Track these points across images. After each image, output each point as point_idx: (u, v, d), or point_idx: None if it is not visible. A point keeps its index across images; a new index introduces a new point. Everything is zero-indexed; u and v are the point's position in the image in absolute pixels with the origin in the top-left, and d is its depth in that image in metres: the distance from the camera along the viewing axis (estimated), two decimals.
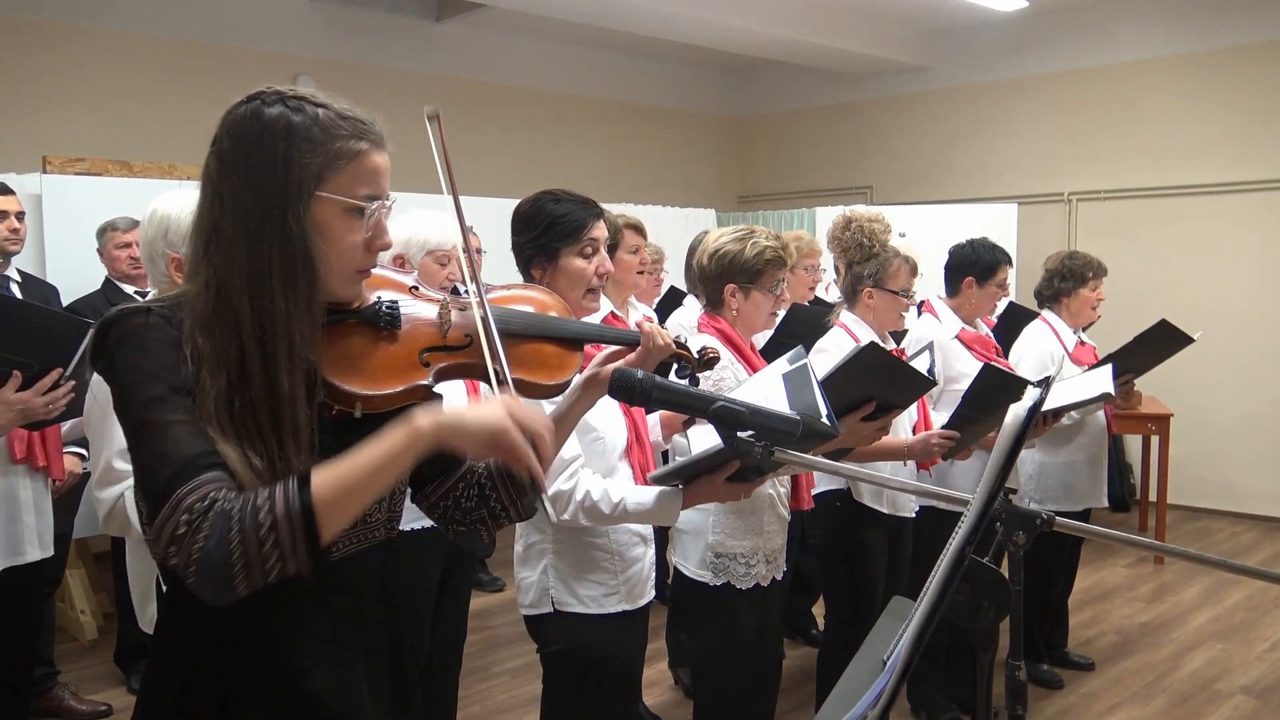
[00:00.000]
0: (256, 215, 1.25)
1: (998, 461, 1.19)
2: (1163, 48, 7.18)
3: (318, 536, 1.16)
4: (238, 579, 1.14)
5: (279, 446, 1.23)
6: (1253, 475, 6.92)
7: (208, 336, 1.24)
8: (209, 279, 1.26)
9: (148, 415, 1.20)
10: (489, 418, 1.23)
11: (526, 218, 2.23)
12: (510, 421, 1.23)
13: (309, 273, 1.26)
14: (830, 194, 8.58)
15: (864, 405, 2.62)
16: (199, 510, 1.14)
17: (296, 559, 1.15)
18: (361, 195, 1.29)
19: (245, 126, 1.26)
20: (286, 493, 1.16)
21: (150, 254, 2.15)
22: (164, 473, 1.17)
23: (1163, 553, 5.54)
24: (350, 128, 1.29)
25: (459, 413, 1.24)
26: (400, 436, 1.20)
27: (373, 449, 1.20)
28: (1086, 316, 4.13)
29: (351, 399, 1.31)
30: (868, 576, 3.20)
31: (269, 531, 1.13)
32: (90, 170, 5.54)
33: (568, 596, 2.21)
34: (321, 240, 1.27)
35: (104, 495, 2.09)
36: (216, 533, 1.13)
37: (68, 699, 3.91)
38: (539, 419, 1.27)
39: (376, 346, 1.36)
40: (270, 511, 1.14)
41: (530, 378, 1.50)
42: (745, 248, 2.63)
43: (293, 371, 1.25)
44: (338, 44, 6.87)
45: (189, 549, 1.13)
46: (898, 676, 1.17)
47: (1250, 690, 4.09)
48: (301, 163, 1.25)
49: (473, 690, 4.10)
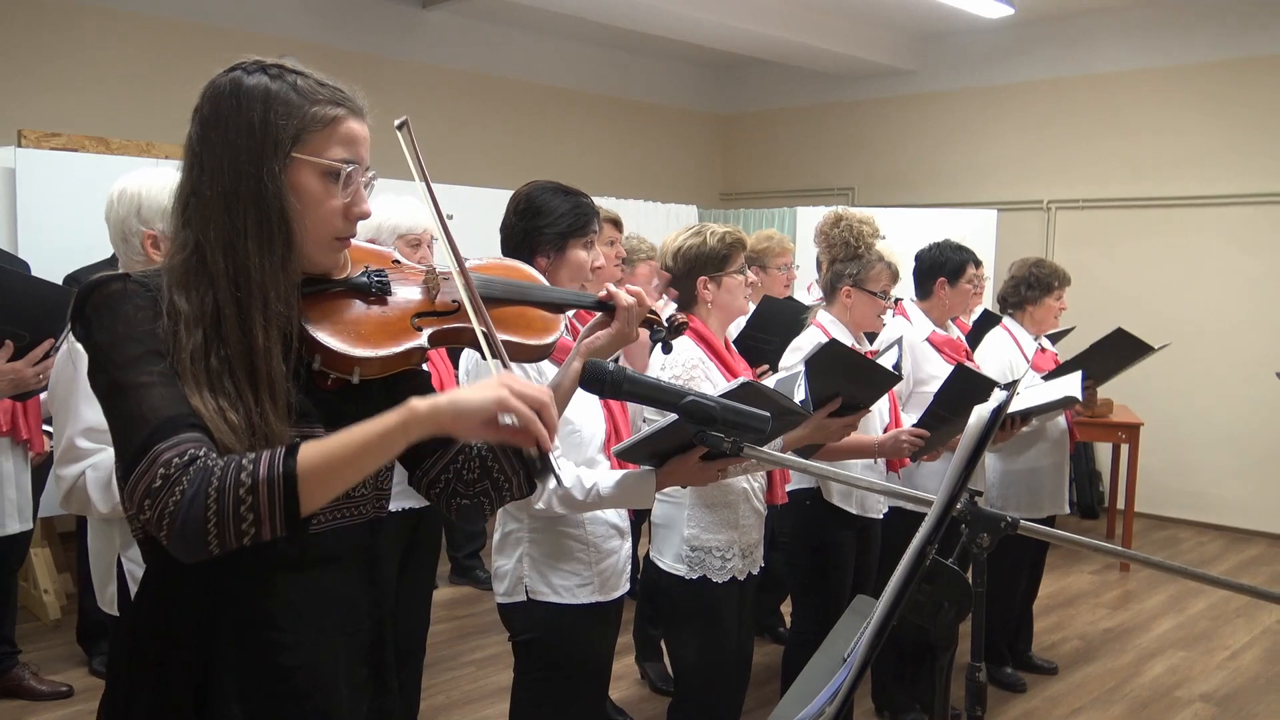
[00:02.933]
0: (233, 175, 1.26)
1: (960, 462, 1.20)
2: (1144, 60, 7.24)
3: (297, 505, 1.16)
4: (210, 536, 1.14)
5: (255, 402, 1.24)
6: (1221, 486, 7.00)
7: (184, 294, 1.25)
8: (186, 239, 1.28)
9: (124, 377, 1.21)
10: (487, 392, 1.23)
11: (535, 205, 2.26)
12: (508, 392, 1.23)
13: (284, 232, 1.28)
14: (812, 194, 8.61)
15: (830, 401, 2.65)
16: (177, 465, 1.14)
17: (272, 525, 1.15)
18: (337, 158, 1.30)
19: (225, 93, 1.29)
20: (272, 459, 1.16)
21: (123, 233, 2.11)
22: (142, 431, 1.17)
23: (1126, 559, 5.62)
24: (328, 94, 1.31)
25: (455, 393, 1.23)
26: (395, 417, 1.20)
27: (367, 426, 1.20)
28: (1049, 325, 4.16)
29: (350, 363, 1.32)
30: (835, 576, 3.22)
31: (249, 492, 1.14)
32: (66, 146, 5.47)
33: (541, 585, 2.22)
34: (298, 202, 1.29)
35: (65, 473, 2.07)
36: (194, 486, 1.13)
37: (28, 679, 3.87)
38: (537, 388, 1.26)
39: (368, 312, 1.38)
40: (253, 474, 1.15)
41: (518, 338, 1.52)
42: (705, 239, 2.67)
43: (268, 328, 1.26)
44: (323, 28, 6.82)
45: (165, 501, 1.13)
46: (855, 673, 1.18)
47: (1210, 698, 4.14)
48: (278, 124, 1.27)
49: (440, 679, 4.09)
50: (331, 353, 1.31)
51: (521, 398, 1.23)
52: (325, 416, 1.34)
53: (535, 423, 1.24)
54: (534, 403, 1.24)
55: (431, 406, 1.20)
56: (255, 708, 1.30)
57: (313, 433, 1.31)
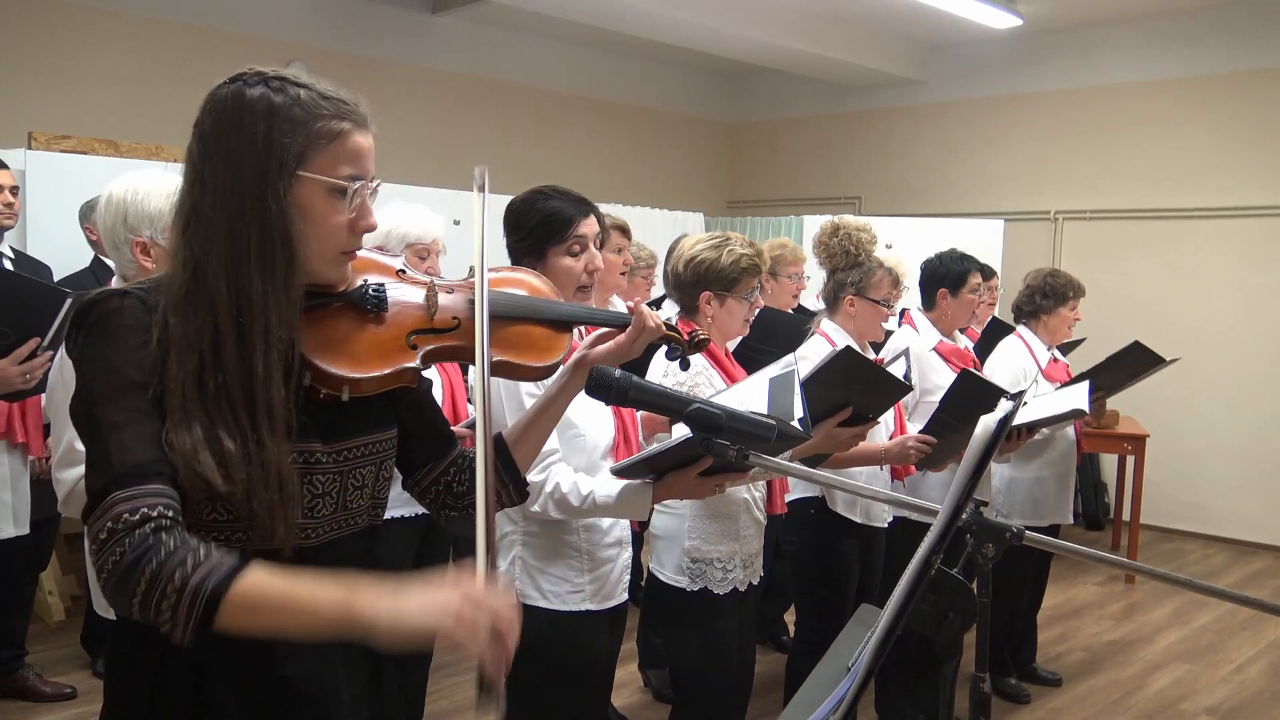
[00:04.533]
0: (236, 195, 1.24)
1: (966, 472, 1.20)
2: (1151, 72, 7.24)
3: (210, 626, 1.13)
4: (134, 609, 1.13)
5: (253, 429, 1.22)
6: (1226, 498, 6.97)
7: (180, 317, 1.23)
8: (186, 259, 1.25)
9: (100, 413, 1.19)
10: (431, 613, 1.12)
11: (517, 216, 2.23)
12: (457, 618, 1.12)
13: (287, 254, 1.25)
14: (819, 203, 8.61)
15: (840, 411, 2.63)
16: (126, 523, 1.13)
17: (183, 633, 1.12)
18: (344, 175, 1.28)
19: (227, 107, 1.26)
20: (211, 571, 1.12)
21: (113, 241, 2.06)
22: (106, 474, 1.16)
23: (1131, 571, 5.58)
24: (332, 108, 1.28)
25: (401, 606, 1.13)
26: (333, 609, 1.13)
27: (307, 593, 1.14)
28: (1063, 335, 4.18)
29: (339, 382, 1.31)
30: (840, 585, 3.21)
31: (174, 591, 1.11)
32: (76, 148, 5.50)
33: (531, 590, 2.20)
34: (304, 221, 1.26)
35: (64, 476, 2.04)
36: (134, 554, 1.11)
37: (32, 680, 3.87)
38: (494, 611, 1.14)
39: (363, 329, 1.36)
40: (185, 579, 1.11)
41: (518, 359, 1.50)
42: (721, 255, 2.62)
43: (268, 352, 1.23)
44: (331, 32, 6.85)
45: (106, 557, 1.13)
46: (860, 683, 1.18)
47: (1214, 711, 4.13)
48: (282, 143, 1.24)
49: (442, 685, 4.09)
50: (321, 371, 1.30)
51: (474, 630, 1.12)
52: (323, 431, 1.33)
53: (481, 656, 1.13)
54: (488, 628, 1.13)
55: (371, 618, 1.12)
56: (253, 716, 1.29)
57: (310, 449, 1.30)
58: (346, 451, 1.36)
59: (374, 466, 1.40)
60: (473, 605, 1.13)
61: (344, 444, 1.35)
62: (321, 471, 1.32)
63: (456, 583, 1.15)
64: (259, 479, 1.21)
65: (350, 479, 1.36)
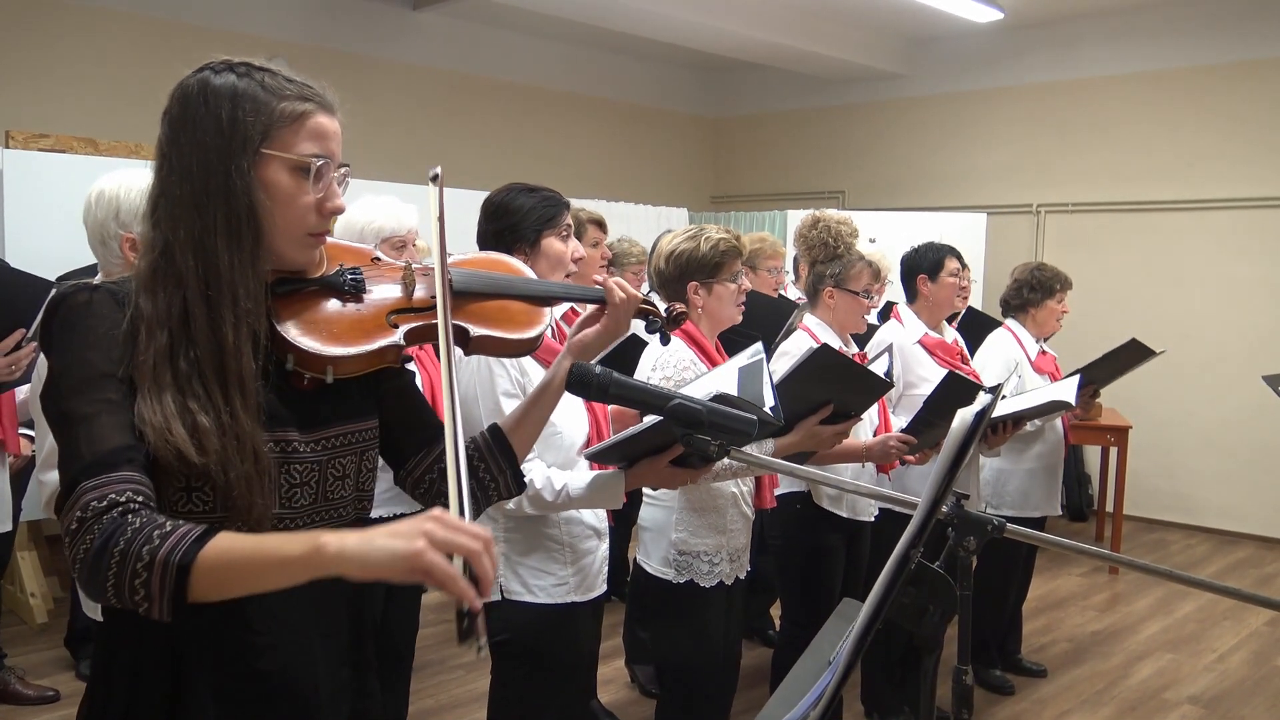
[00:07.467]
0: (202, 174, 1.26)
1: (944, 465, 1.20)
2: (1132, 65, 7.27)
3: (184, 597, 1.11)
4: (109, 594, 1.12)
5: (225, 401, 1.23)
6: (1209, 489, 7.03)
7: (150, 296, 1.25)
8: (154, 241, 1.27)
9: (70, 407, 1.20)
10: (399, 543, 1.05)
11: (502, 206, 2.27)
12: (424, 543, 1.05)
13: (254, 228, 1.26)
14: (803, 197, 8.62)
15: (821, 408, 2.63)
16: (94, 510, 1.13)
17: (160, 608, 1.11)
18: (307, 153, 1.29)
19: (193, 93, 1.28)
20: (179, 541, 1.11)
21: (101, 236, 2.07)
22: (74, 466, 1.16)
23: (1113, 562, 5.62)
24: (296, 89, 1.31)
25: (368, 540, 1.07)
26: (299, 550, 1.09)
27: (273, 546, 1.11)
28: (1050, 327, 4.20)
29: (322, 362, 1.31)
30: (825, 579, 3.22)
31: (145, 568, 1.10)
32: (54, 147, 5.45)
33: (516, 585, 2.21)
34: (270, 198, 1.28)
35: (47, 478, 2.04)
36: (102, 538, 1.11)
37: (14, 683, 3.84)
38: (469, 531, 1.08)
39: (343, 311, 1.36)
40: (153, 551, 1.10)
41: (499, 332, 1.51)
42: (699, 244, 2.66)
43: (238, 325, 1.25)
44: (314, 29, 6.81)
45: (77, 546, 1.13)
46: (840, 677, 1.18)
47: (1197, 700, 4.16)
48: (246, 121, 1.26)
49: (428, 683, 4.08)
50: (303, 352, 1.30)
51: (446, 547, 1.05)
52: (300, 419, 1.33)
53: (455, 581, 1.05)
54: (462, 551, 1.06)
55: (338, 553, 1.07)
56: (231, 710, 1.29)
57: (286, 437, 1.30)
58: (325, 440, 1.36)
59: (355, 456, 1.40)
60: (444, 526, 1.07)
61: (322, 433, 1.35)
62: (299, 460, 1.32)
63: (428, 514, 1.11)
64: (233, 450, 1.22)
65: (330, 469, 1.36)
